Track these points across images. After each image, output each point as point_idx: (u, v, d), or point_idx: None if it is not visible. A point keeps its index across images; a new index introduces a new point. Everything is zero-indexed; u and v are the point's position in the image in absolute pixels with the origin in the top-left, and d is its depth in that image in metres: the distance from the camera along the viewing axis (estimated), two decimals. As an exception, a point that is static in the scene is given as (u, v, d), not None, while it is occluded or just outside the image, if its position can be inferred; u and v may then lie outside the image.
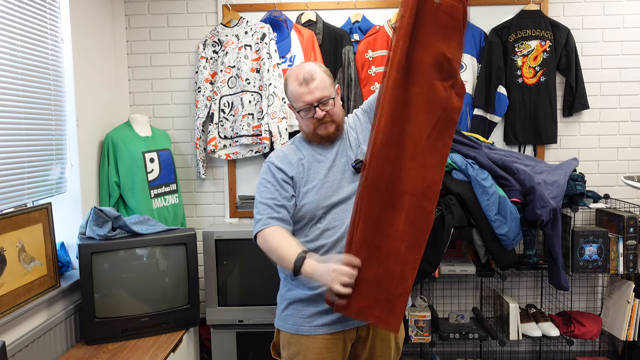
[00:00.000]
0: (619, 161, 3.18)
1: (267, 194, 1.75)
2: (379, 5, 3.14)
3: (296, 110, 1.77)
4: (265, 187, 1.76)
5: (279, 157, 1.81)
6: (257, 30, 3.05)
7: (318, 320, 1.72)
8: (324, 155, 1.79)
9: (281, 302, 1.83)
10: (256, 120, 3.04)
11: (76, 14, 2.66)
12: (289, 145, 1.86)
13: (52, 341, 2.30)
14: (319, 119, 1.73)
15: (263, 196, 1.75)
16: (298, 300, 1.75)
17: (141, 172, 2.84)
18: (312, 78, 1.71)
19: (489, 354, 3.18)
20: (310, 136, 1.80)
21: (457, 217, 2.58)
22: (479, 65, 3.06)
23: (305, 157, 1.80)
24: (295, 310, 1.75)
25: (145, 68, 3.22)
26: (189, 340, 2.70)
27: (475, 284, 3.22)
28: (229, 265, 2.87)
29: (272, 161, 1.80)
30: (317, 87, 1.71)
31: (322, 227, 1.73)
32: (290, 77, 1.76)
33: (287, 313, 1.78)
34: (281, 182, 1.75)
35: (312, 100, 1.71)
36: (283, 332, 1.79)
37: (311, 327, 1.72)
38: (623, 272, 2.77)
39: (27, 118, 2.29)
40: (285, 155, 1.81)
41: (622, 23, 3.11)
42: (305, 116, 1.75)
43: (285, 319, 1.78)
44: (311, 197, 1.74)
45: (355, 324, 1.73)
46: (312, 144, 1.82)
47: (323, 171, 1.77)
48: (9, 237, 2.12)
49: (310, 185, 1.75)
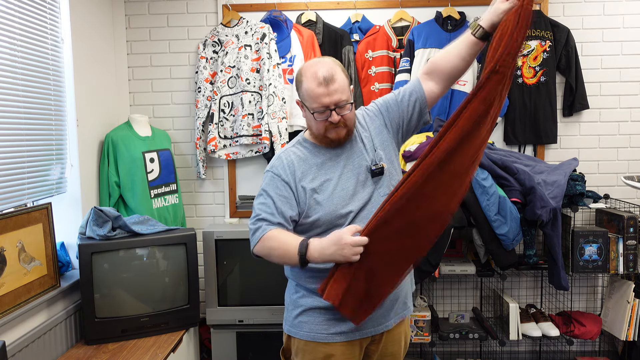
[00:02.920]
0: (619, 161, 3.18)
1: (266, 209, 1.64)
2: (379, 5, 3.14)
3: (310, 110, 1.64)
4: (263, 203, 1.65)
5: (282, 166, 1.68)
6: (257, 30, 3.05)
7: (335, 328, 1.67)
8: (334, 160, 1.69)
9: (294, 309, 1.74)
10: (256, 120, 3.04)
11: (76, 14, 2.66)
12: (291, 149, 1.72)
13: (52, 341, 2.30)
14: (333, 122, 1.62)
15: (262, 209, 1.64)
16: (315, 308, 1.68)
17: (141, 172, 2.84)
18: (332, 79, 1.58)
19: (489, 354, 3.18)
20: (319, 138, 1.69)
21: (456, 217, 2.58)
22: (479, 65, 3.06)
23: (311, 160, 1.69)
24: (311, 317, 1.69)
25: (145, 68, 3.22)
26: (189, 340, 2.70)
27: (475, 284, 3.22)
28: (229, 265, 2.87)
29: (273, 171, 1.68)
30: (337, 89, 1.59)
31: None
32: (306, 74, 1.62)
33: (302, 320, 1.71)
34: (282, 199, 1.64)
35: (330, 103, 1.59)
36: (296, 339, 1.73)
37: (328, 335, 1.67)
38: (623, 272, 2.77)
39: (27, 118, 2.29)
40: (289, 162, 1.68)
41: (622, 23, 3.11)
42: (318, 118, 1.62)
43: (299, 325, 1.71)
44: (326, 207, 1.64)
45: (372, 332, 1.71)
46: (318, 145, 1.72)
47: (334, 177, 1.67)
48: (9, 237, 2.12)
49: (322, 194, 1.65)
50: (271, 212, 1.63)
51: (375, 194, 1.68)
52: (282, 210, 1.64)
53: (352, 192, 1.66)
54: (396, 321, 1.76)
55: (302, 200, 1.66)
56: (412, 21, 3.10)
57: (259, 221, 1.64)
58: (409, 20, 3.10)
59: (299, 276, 1.72)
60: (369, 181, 1.68)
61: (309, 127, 1.71)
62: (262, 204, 1.66)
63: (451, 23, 3.05)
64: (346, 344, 1.69)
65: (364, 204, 1.66)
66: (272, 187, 1.66)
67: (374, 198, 1.67)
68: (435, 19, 3.07)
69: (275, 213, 1.63)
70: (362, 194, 1.67)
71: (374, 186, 1.68)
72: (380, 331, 1.73)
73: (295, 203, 1.66)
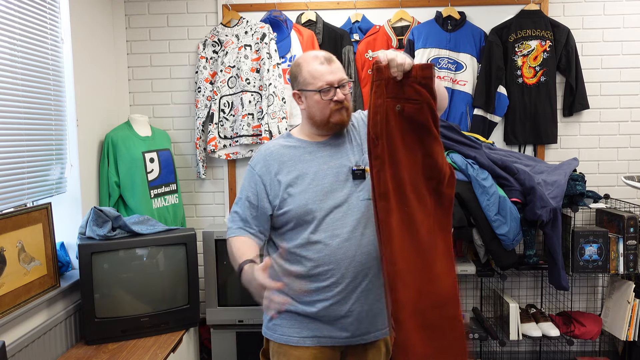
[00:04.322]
0: (619, 161, 3.18)
1: (236, 208, 1.71)
2: (379, 5, 3.14)
3: (315, 90, 1.62)
4: (240, 198, 1.71)
5: (258, 159, 1.71)
6: (257, 30, 3.05)
7: (306, 332, 1.66)
8: (313, 154, 1.68)
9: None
10: (256, 120, 3.04)
11: (76, 14, 2.66)
12: (273, 142, 1.75)
13: (52, 341, 2.30)
14: (339, 101, 1.62)
15: (240, 205, 1.70)
16: (287, 312, 1.67)
17: (141, 172, 2.84)
18: (332, 59, 1.64)
19: (489, 354, 3.18)
20: (321, 124, 1.67)
21: (457, 217, 2.58)
22: (479, 65, 3.06)
23: (291, 152, 1.69)
24: (284, 320, 1.68)
25: (145, 68, 3.22)
26: (189, 340, 2.70)
27: (475, 284, 3.22)
28: (229, 265, 2.83)
29: (251, 163, 1.73)
30: (339, 68, 1.64)
31: (315, 238, 1.62)
32: (307, 59, 1.66)
33: (275, 322, 1.70)
34: (252, 197, 1.68)
35: (334, 81, 1.61)
36: (271, 342, 1.73)
37: (300, 338, 1.66)
38: (623, 272, 2.77)
39: (27, 118, 2.29)
40: (268, 154, 1.70)
41: (622, 23, 3.11)
42: (324, 97, 1.62)
43: (273, 328, 1.71)
44: (297, 200, 1.63)
45: (346, 342, 1.67)
46: (303, 139, 1.71)
47: (310, 172, 1.65)
48: (9, 237, 2.11)
49: (296, 188, 1.64)
50: (238, 215, 1.70)
51: (354, 197, 1.64)
52: (245, 217, 1.69)
53: (327, 190, 1.63)
54: (377, 337, 1.72)
55: (275, 194, 1.66)
56: (412, 21, 3.10)
57: (234, 215, 1.71)
58: (409, 20, 3.10)
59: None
60: (349, 182, 1.65)
61: (311, 115, 1.68)
62: (240, 199, 1.72)
63: (451, 23, 3.05)
64: (319, 349, 1.66)
65: (338, 204, 1.63)
66: (247, 182, 1.71)
67: (351, 200, 1.63)
68: (435, 19, 3.07)
69: (237, 219, 1.69)
70: (338, 193, 1.63)
71: (354, 188, 1.65)
72: (357, 343, 1.69)
73: (265, 197, 1.67)
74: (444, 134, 2.76)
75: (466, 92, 3.05)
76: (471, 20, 3.10)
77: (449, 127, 2.78)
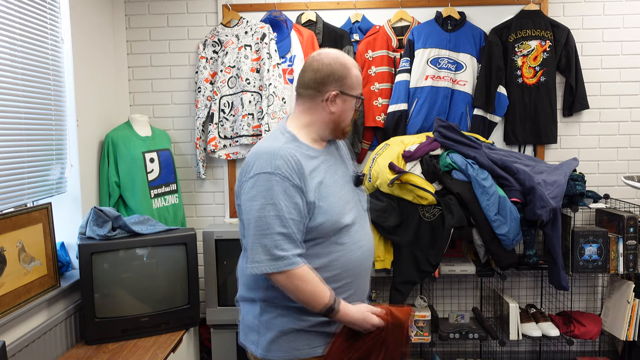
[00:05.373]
0: (619, 161, 3.18)
1: (286, 222, 1.45)
2: (379, 5, 3.14)
3: (357, 96, 1.61)
4: (279, 216, 1.44)
5: (289, 167, 1.47)
6: (257, 30, 3.05)
7: (317, 342, 1.58)
8: (326, 163, 1.60)
9: (267, 331, 1.57)
10: (256, 120, 3.04)
11: (76, 14, 2.66)
12: (287, 146, 1.52)
13: (52, 341, 2.30)
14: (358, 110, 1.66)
15: (281, 222, 1.44)
16: (294, 330, 1.57)
17: (141, 172, 2.84)
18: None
19: (489, 354, 3.19)
20: (339, 130, 1.63)
21: (457, 217, 2.58)
22: (479, 65, 3.06)
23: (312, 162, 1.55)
24: (291, 336, 1.57)
25: (145, 68, 3.22)
26: (189, 340, 2.70)
27: (475, 284, 3.22)
28: (229, 265, 2.87)
29: (279, 173, 1.45)
30: None
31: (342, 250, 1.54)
32: (352, 63, 1.60)
33: (280, 342, 1.57)
34: (297, 206, 1.47)
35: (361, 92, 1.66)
36: None
37: (311, 349, 1.58)
38: (623, 272, 2.77)
39: (27, 118, 2.29)
40: (296, 162, 1.49)
41: (622, 23, 3.11)
42: (356, 105, 1.63)
43: (277, 348, 1.57)
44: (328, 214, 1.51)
45: None
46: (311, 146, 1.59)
47: (330, 181, 1.56)
48: (9, 237, 2.12)
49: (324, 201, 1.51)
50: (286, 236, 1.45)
51: (360, 206, 1.67)
52: (294, 236, 1.47)
53: (348, 199, 1.61)
54: None
55: (307, 206, 1.50)
56: (412, 21, 3.10)
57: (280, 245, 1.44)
58: (409, 20, 3.10)
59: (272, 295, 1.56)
60: (355, 190, 1.67)
61: (339, 120, 1.60)
62: (271, 222, 1.44)
63: (451, 23, 3.05)
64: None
65: (356, 216, 1.61)
66: (282, 195, 1.45)
67: (359, 210, 1.65)
68: (435, 19, 3.07)
69: (285, 242, 1.45)
70: (353, 202, 1.63)
71: (359, 196, 1.67)
72: None
73: (304, 204, 1.49)
74: (444, 134, 2.76)
75: (466, 92, 3.05)
76: (471, 20, 3.10)
77: (449, 127, 2.78)
